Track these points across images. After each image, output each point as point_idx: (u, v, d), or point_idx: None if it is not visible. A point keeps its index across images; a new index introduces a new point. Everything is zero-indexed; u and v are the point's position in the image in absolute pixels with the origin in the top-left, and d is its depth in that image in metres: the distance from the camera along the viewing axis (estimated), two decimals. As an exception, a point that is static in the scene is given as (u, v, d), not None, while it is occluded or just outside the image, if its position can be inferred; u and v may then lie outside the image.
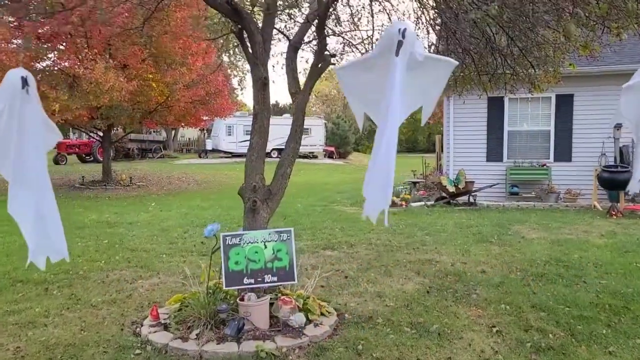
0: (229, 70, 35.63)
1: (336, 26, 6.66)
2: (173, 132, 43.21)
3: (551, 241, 7.84)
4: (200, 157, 37.26)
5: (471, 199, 12.08)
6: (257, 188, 4.61)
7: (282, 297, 4.50)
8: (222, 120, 36.60)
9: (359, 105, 2.62)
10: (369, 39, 7.20)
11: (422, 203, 12.20)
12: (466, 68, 5.98)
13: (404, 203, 12.26)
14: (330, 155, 42.04)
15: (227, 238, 4.36)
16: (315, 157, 40.49)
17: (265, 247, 4.39)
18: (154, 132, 38.20)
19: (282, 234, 4.44)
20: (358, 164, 38.17)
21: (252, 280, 4.35)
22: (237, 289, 4.43)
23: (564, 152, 12.22)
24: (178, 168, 27.68)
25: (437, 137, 16.46)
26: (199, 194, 17.13)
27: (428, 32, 6.88)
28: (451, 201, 12.16)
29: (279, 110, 62.20)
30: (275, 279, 4.39)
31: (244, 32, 4.58)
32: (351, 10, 7.37)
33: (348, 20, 7.06)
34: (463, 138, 12.94)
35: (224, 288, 4.35)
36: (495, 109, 12.62)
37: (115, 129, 22.41)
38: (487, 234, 8.54)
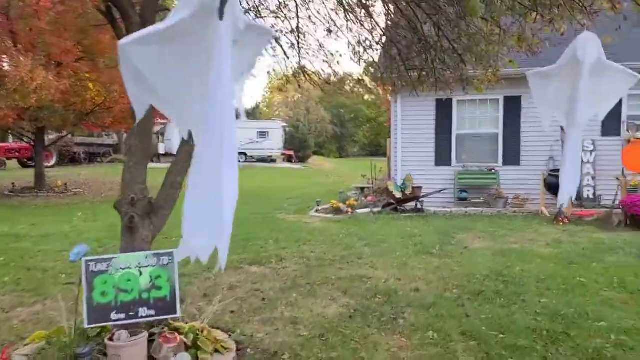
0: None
1: (257, 16, 5.95)
2: (125, 135, 41.56)
3: (494, 252, 7.33)
4: (152, 161, 35.76)
5: (419, 205, 11.56)
6: (136, 201, 3.84)
7: (164, 334, 3.73)
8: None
9: (150, 99, 1.88)
10: (296, 29, 6.55)
11: (369, 210, 11.61)
12: (394, 62, 5.37)
13: (350, 210, 11.65)
14: (289, 159, 41.28)
15: (91, 264, 3.57)
16: (273, 160, 39.65)
17: (141, 273, 3.62)
18: (105, 135, 36.59)
19: (162, 258, 3.67)
20: (317, 168, 37.54)
21: (123, 315, 3.57)
22: (103, 326, 3.64)
23: (512, 156, 11.86)
24: (125, 173, 26.34)
25: (388, 140, 15.95)
26: (139, 201, 16.09)
27: (362, 24, 6.27)
28: (398, 207, 11.62)
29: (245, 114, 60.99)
30: (152, 312, 3.62)
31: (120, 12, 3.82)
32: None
33: (274, 10, 6.37)
34: (411, 141, 12.43)
35: (85, 326, 3.55)
36: (444, 110, 12.17)
37: (59, 132, 21.11)
38: (429, 244, 7.98)
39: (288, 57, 6.26)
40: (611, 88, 2.85)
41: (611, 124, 11.08)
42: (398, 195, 11.31)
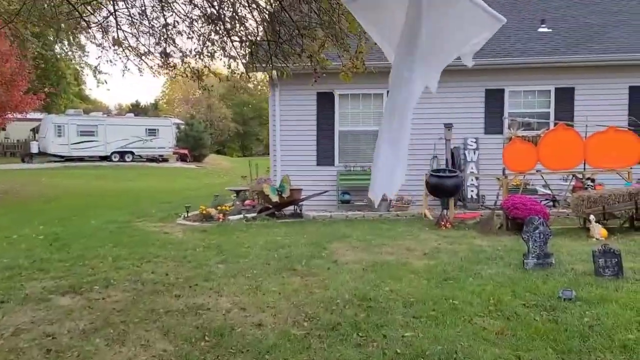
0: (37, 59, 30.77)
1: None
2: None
3: (366, 266, 6.37)
4: (24, 161, 31.89)
5: (298, 210, 10.52)
6: None
7: None
8: (51, 119, 31.89)
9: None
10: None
11: (241, 216, 10.35)
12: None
13: (221, 216, 10.32)
14: (182, 158, 38.81)
15: None
16: (165, 160, 37.12)
17: None
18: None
19: None
20: (212, 168, 35.62)
21: None
22: None
23: (397, 155, 11.13)
24: (-18, 175, 22.99)
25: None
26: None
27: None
28: (276, 212, 10.48)
29: (141, 110, 57.54)
30: None
31: None
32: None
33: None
34: (291, 138, 11.36)
35: None
36: (326, 105, 11.23)
37: None
38: (296, 257, 6.88)
39: (104, 30, 4.86)
40: (464, 30, 1.90)
41: (494, 121, 10.73)
42: (275, 198, 10.17)
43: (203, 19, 4.94)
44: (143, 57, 5.49)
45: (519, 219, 7.67)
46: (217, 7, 4.77)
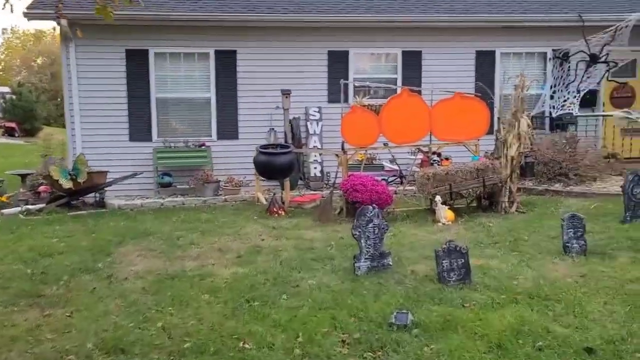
0: None
1: None
2: None
3: (151, 282, 4.61)
4: None
5: (101, 198, 8.38)
6: None
7: None
8: None
9: None
10: None
11: (20, 209, 7.92)
12: None
13: (-7, 210, 7.81)
14: (10, 132, 33.20)
15: None
16: (-13, 135, 31.42)
17: None
18: None
19: None
20: (42, 143, 30.75)
21: None
22: None
23: (228, 128, 9.40)
24: None
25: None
26: None
27: None
28: (72, 202, 8.23)
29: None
30: None
31: None
32: None
33: None
34: (94, 107, 9.04)
35: None
36: (138, 66, 9.07)
37: None
38: (58, 272, 4.90)
39: None
40: None
41: (338, 87, 9.42)
42: (67, 185, 7.90)
43: None
44: None
45: (358, 203, 6.41)
46: None
